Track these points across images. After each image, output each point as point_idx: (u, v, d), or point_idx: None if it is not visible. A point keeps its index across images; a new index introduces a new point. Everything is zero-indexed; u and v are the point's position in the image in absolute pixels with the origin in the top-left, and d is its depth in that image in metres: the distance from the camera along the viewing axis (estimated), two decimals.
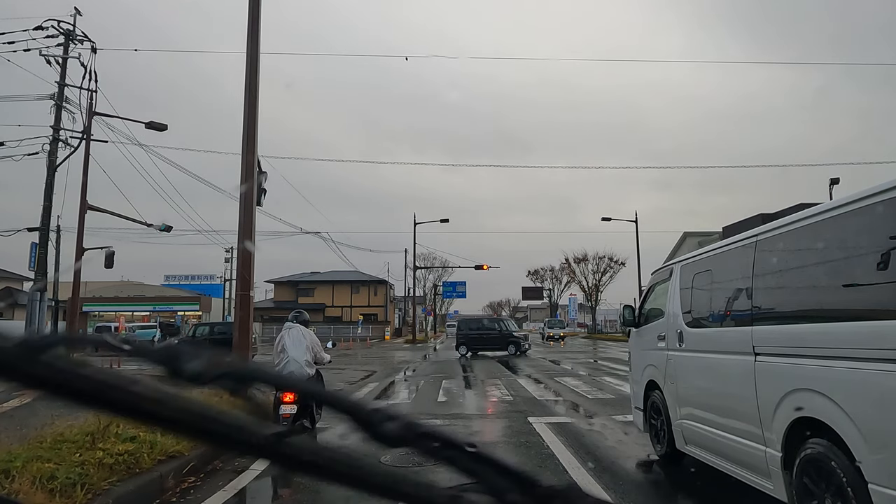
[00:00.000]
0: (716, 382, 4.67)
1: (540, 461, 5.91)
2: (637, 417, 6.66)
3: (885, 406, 2.78)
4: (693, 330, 5.13)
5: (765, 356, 3.86)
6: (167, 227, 20.87)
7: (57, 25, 18.31)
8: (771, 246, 3.98)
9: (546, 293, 74.26)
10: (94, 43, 18.73)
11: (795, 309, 3.70)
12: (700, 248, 5.48)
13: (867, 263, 3.00)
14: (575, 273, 65.69)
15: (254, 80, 9.94)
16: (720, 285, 4.78)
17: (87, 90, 18.62)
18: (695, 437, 5.00)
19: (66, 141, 18.30)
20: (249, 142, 9.77)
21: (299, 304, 57.44)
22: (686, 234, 43.28)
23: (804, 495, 3.40)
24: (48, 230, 18.17)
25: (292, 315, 7.76)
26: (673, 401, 5.46)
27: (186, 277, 66.44)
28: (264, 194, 10.38)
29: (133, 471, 4.71)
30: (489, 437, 7.27)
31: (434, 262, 67.77)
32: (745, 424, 4.06)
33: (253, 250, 9.66)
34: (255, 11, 10.04)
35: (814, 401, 3.29)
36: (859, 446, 2.92)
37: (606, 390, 12.15)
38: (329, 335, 42.58)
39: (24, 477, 3.92)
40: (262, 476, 5.55)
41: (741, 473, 4.21)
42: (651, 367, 6.05)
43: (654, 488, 5.26)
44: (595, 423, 8.17)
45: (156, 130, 19.00)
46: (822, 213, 3.45)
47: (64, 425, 5.47)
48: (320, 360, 7.47)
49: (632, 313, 6.80)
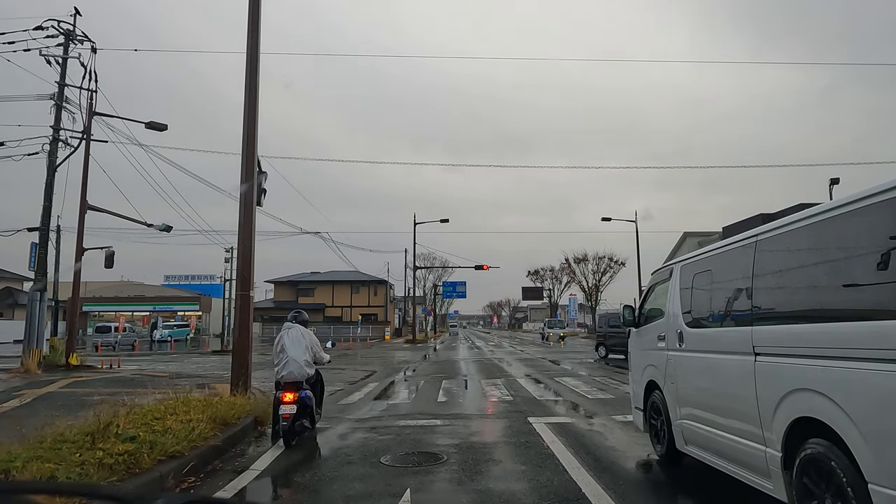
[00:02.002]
0: (716, 382, 4.66)
1: (540, 461, 5.91)
2: (637, 417, 6.66)
3: (885, 406, 2.78)
4: (693, 330, 5.13)
5: (765, 356, 3.86)
6: (167, 227, 20.87)
7: (57, 25, 18.32)
8: (771, 246, 3.98)
9: (546, 293, 74.29)
10: (93, 43, 18.75)
11: (795, 309, 3.70)
12: (700, 248, 5.48)
13: (867, 263, 3.00)
14: (575, 273, 65.78)
15: (254, 80, 9.93)
16: (720, 285, 4.77)
17: (87, 90, 18.66)
18: (695, 437, 5.00)
19: (66, 141, 18.31)
20: (249, 142, 9.76)
21: (299, 304, 57.45)
22: (686, 234, 43.29)
23: (804, 495, 3.40)
24: (48, 230, 18.17)
25: (292, 315, 7.76)
26: (673, 401, 5.46)
27: (186, 277, 66.44)
28: (264, 194, 10.37)
29: (133, 471, 4.71)
30: (489, 438, 7.26)
31: (434, 262, 67.85)
32: (745, 424, 4.06)
33: (252, 255, 9.64)
34: (255, 11, 10.04)
35: (814, 401, 3.29)
36: (859, 446, 2.92)
37: (606, 390, 12.15)
38: (329, 335, 42.57)
39: (24, 477, 3.92)
40: (262, 476, 5.54)
41: (741, 473, 4.21)
42: (651, 367, 6.05)
43: (654, 488, 5.26)
44: (595, 423, 8.17)
45: (156, 130, 19.01)
46: (822, 213, 3.44)
47: (64, 425, 5.47)
48: (320, 360, 7.48)
49: (632, 313, 6.80)
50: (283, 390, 6.87)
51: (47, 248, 18.18)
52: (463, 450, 6.50)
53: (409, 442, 6.99)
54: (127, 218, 20.10)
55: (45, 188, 17.60)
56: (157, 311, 54.90)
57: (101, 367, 18.49)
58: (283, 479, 5.52)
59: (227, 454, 6.30)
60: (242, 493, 5.01)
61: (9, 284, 52.52)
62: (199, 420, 6.32)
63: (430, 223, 52.22)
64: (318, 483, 5.27)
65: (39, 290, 17.77)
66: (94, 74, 18.61)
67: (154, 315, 51.91)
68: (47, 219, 17.88)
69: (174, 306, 57.33)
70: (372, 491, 4.95)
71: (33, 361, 16.24)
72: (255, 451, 6.53)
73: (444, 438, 7.20)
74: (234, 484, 5.20)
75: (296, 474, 5.61)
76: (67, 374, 15.56)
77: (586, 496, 4.67)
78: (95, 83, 18.67)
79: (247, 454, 6.42)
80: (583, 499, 4.63)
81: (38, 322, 17.33)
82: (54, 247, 21.17)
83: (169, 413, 6.49)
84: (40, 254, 17.89)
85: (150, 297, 58.19)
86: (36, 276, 18.14)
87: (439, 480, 5.24)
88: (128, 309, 56.64)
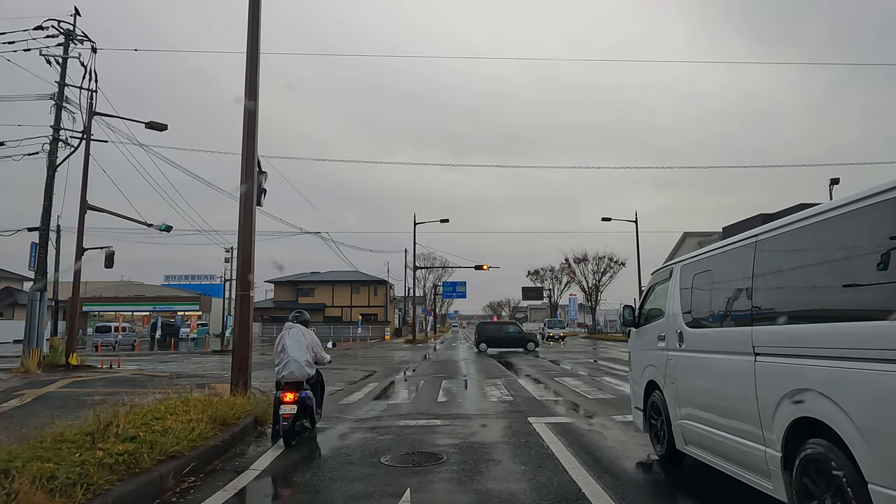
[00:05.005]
0: (716, 382, 4.66)
1: (540, 461, 5.91)
2: (637, 417, 6.66)
3: (885, 406, 2.77)
4: (693, 330, 5.13)
5: (765, 356, 3.86)
6: (167, 227, 20.88)
7: (57, 25, 18.32)
8: (771, 246, 3.98)
9: (546, 293, 74.24)
10: (94, 43, 18.76)
11: (795, 309, 3.69)
12: (700, 248, 5.48)
13: (867, 263, 2.99)
14: (575, 273, 65.81)
15: (254, 80, 9.93)
16: (720, 285, 4.77)
17: (87, 90, 18.66)
18: (695, 437, 5.00)
19: (66, 141, 18.31)
20: (249, 142, 9.76)
21: (299, 304, 57.49)
22: (686, 234, 43.33)
23: (804, 495, 3.39)
24: (48, 230, 18.17)
25: (292, 315, 7.76)
26: (673, 401, 5.46)
27: (186, 277, 66.46)
28: (264, 194, 10.38)
29: (133, 471, 4.71)
30: (489, 437, 7.26)
31: (434, 262, 67.85)
32: (745, 424, 4.06)
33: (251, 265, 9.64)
34: (255, 11, 10.04)
35: (814, 401, 3.29)
36: (859, 446, 2.92)
37: (606, 390, 12.15)
38: (329, 335, 42.62)
39: (24, 477, 3.92)
40: (262, 476, 5.55)
41: (741, 473, 4.21)
42: (651, 367, 6.05)
43: (653, 488, 5.26)
44: (595, 424, 8.17)
45: (156, 130, 19.01)
46: (822, 213, 3.44)
47: (64, 425, 5.47)
48: (320, 359, 7.48)
49: (632, 313, 6.80)
50: (283, 390, 6.87)
51: (47, 248, 18.18)
52: (463, 450, 6.50)
53: (409, 442, 6.99)
54: (127, 218, 20.11)
55: (45, 188, 17.60)
56: (157, 311, 54.89)
57: (101, 367, 18.50)
58: (283, 479, 5.52)
59: (227, 454, 6.30)
60: (242, 493, 5.01)
61: (9, 284, 52.53)
62: (199, 420, 6.33)
63: (430, 223, 52.22)
64: (318, 483, 5.27)
65: (39, 290, 17.77)
66: (95, 74, 18.63)
67: (154, 315, 51.90)
68: (47, 219, 17.88)
69: (174, 306, 57.32)
70: (372, 491, 4.95)
71: (33, 361, 16.25)
72: (255, 451, 6.54)
73: (444, 438, 7.20)
74: (234, 484, 5.20)
75: (296, 474, 5.61)
76: (67, 374, 15.57)
77: (586, 496, 4.67)
78: (95, 83, 18.69)
79: (247, 454, 6.42)
80: (583, 499, 4.63)
81: (38, 322, 17.33)
82: (54, 247, 21.21)
83: (169, 413, 6.50)
84: (40, 254, 17.89)
85: (150, 297, 58.21)
86: (36, 276, 18.14)
87: (439, 480, 5.24)
88: (128, 309, 56.64)
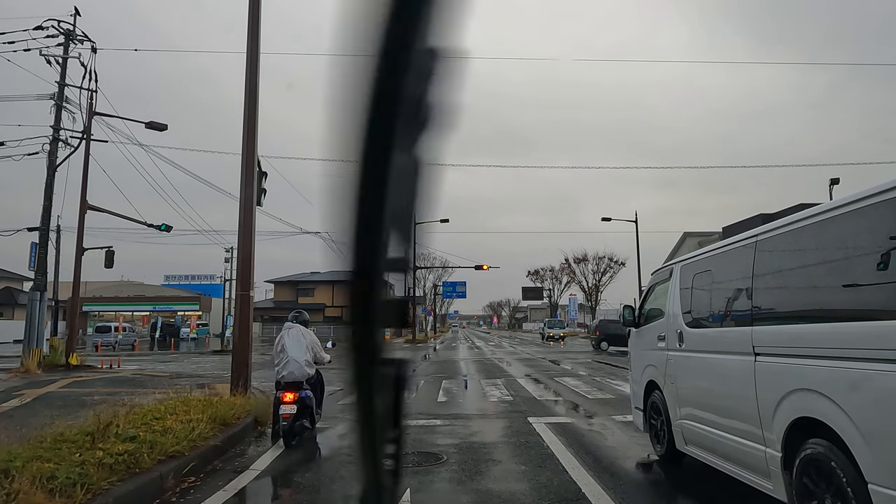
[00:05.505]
0: (716, 382, 4.66)
1: (540, 461, 5.91)
2: (637, 417, 6.66)
3: (885, 406, 2.78)
4: (693, 330, 5.13)
5: (765, 356, 3.86)
6: (167, 227, 20.88)
7: (57, 25, 18.32)
8: (771, 246, 3.98)
9: (546, 293, 74.29)
10: (94, 43, 18.76)
11: (795, 309, 3.70)
12: (700, 248, 5.48)
13: (867, 263, 3.00)
14: (575, 273, 65.87)
15: (254, 80, 9.93)
16: (720, 285, 4.77)
17: (87, 90, 18.65)
18: (695, 437, 5.00)
19: (66, 141, 18.30)
20: (249, 142, 9.76)
21: (299, 304, 57.42)
22: (686, 234, 43.27)
23: (804, 495, 3.39)
24: (48, 230, 18.16)
25: (292, 315, 7.76)
26: (673, 401, 5.46)
27: (186, 277, 66.38)
28: (264, 194, 10.38)
29: (133, 471, 4.71)
30: (489, 437, 7.26)
31: (434, 262, 67.77)
32: (745, 425, 4.06)
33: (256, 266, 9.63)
34: (255, 11, 10.03)
35: (814, 401, 3.29)
36: (859, 446, 2.92)
37: (606, 390, 12.15)
38: (329, 335, 42.55)
39: (24, 477, 3.92)
40: (262, 476, 5.54)
41: (741, 473, 4.21)
42: (651, 367, 6.05)
43: (654, 488, 5.26)
44: (595, 424, 8.17)
45: (156, 130, 19.01)
46: (822, 213, 3.44)
47: (64, 425, 5.47)
48: (320, 359, 7.47)
49: (632, 313, 6.80)
50: (283, 390, 6.87)
51: (47, 248, 18.18)
52: (463, 450, 6.50)
53: (409, 442, 6.98)
54: (127, 218, 20.10)
55: (45, 188, 17.59)
56: (157, 311, 54.87)
57: (101, 366, 18.49)
58: (282, 479, 5.52)
59: (227, 454, 6.30)
60: (242, 494, 5.01)
61: (9, 284, 52.52)
62: (199, 420, 6.32)
63: (430, 223, 52.21)
64: (318, 483, 5.27)
65: (39, 290, 17.77)
66: (95, 74, 18.61)
67: (154, 315, 51.88)
68: (47, 219, 17.87)
69: (174, 306, 57.29)
70: None
71: (33, 361, 16.24)
72: (255, 451, 6.54)
73: (444, 438, 7.20)
74: (233, 484, 5.20)
75: (296, 474, 5.61)
76: (67, 374, 15.56)
77: (586, 496, 4.67)
78: (95, 83, 18.67)
79: (247, 454, 6.42)
80: (583, 499, 4.63)
81: (38, 322, 17.32)
82: (54, 247, 21.22)
83: (169, 413, 6.49)
84: (40, 254, 17.88)
85: (150, 297, 58.16)
86: (36, 276, 18.13)
87: (439, 480, 5.25)
88: (128, 309, 56.59)
